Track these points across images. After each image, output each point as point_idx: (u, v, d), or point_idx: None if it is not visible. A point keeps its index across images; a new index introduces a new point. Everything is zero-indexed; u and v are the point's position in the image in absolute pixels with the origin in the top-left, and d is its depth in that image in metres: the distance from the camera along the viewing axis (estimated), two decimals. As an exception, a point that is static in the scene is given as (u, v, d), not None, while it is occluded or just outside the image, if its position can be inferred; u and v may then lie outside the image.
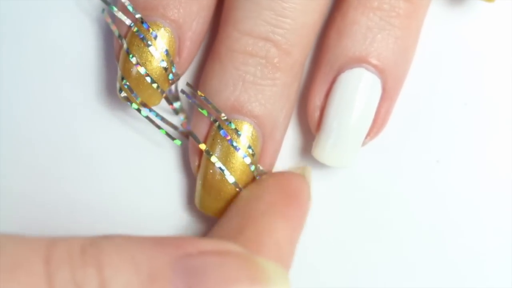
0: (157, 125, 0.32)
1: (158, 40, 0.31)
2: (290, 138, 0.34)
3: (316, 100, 0.32)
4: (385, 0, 0.31)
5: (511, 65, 0.34)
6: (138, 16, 0.31)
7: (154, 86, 0.31)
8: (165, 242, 0.24)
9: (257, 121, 0.31)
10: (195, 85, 0.33)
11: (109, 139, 0.33)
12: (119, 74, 0.31)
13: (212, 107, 0.31)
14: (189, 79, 0.34)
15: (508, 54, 0.34)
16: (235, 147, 0.31)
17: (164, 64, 0.31)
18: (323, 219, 0.34)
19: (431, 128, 0.34)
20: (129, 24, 0.31)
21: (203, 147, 0.31)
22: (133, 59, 0.31)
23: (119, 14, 0.31)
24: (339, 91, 0.31)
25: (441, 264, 0.33)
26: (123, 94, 0.31)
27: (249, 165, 0.31)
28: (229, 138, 0.31)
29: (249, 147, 0.31)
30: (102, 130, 0.33)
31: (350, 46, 0.31)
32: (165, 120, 0.32)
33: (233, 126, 0.31)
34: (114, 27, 0.31)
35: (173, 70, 0.31)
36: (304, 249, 0.33)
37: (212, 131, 0.31)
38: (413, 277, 0.33)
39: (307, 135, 0.34)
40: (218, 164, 0.31)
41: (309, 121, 0.32)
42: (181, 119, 0.33)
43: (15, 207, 0.33)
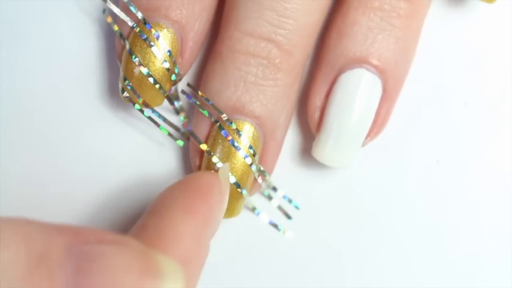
0: (159, 126, 0.32)
1: (161, 41, 0.31)
2: (290, 139, 0.34)
3: (317, 101, 0.32)
4: (386, 0, 0.31)
5: (511, 65, 0.34)
6: (140, 17, 0.31)
7: (156, 87, 0.31)
8: (66, 228, 0.24)
9: (258, 122, 0.31)
10: (195, 86, 0.33)
11: (110, 140, 0.33)
12: (121, 74, 0.31)
13: (213, 107, 0.31)
14: (188, 79, 0.34)
15: (508, 54, 0.34)
16: (236, 147, 0.31)
17: (166, 65, 0.31)
18: (323, 220, 0.34)
19: (431, 128, 0.34)
20: (131, 25, 0.31)
21: (204, 147, 0.31)
22: (135, 59, 0.31)
23: (122, 14, 0.31)
24: (339, 92, 0.31)
25: (441, 263, 0.33)
26: (126, 94, 0.31)
27: (250, 165, 0.31)
28: (230, 138, 0.31)
29: (250, 147, 0.31)
30: (102, 131, 0.33)
31: (351, 46, 0.31)
32: (167, 121, 0.32)
33: (234, 126, 0.31)
34: (116, 28, 0.31)
35: (175, 70, 0.31)
36: (305, 249, 0.33)
37: (213, 132, 0.31)
38: (413, 276, 0.33)
39: (307, 135, 0.34)
40: (219, 164, 0.31)
41: (309, 121, 0.32)
42: (181, 119, 0.33)
43: (15, 207, 0.33)
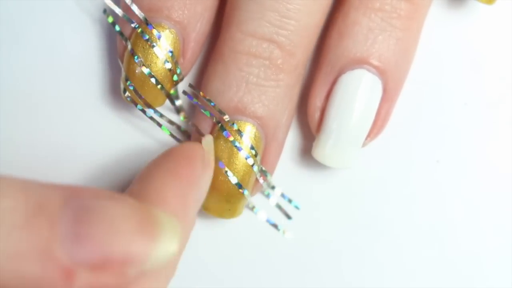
0: (161, 126, 0.32)
1: (163, 41, 0.31)
2: (291, 139, 0.34)
3: (317, 101, 0.32)
4: (386, 1, 0.31)
5: (511, 65, 0.34)
6: (142, 17, 0.31)
7: (158, 87, 0.31)
8: (62, 185, 0.24)
9: (260, 122, 0.31)
10: (196, 86, 0.33)
11: (111, 140, 0.33)
12: (123, 75, 0.31)
13: (215, 108, 0.31)
14: (189, 79, 0.34)
15: (508, 54, 0.34)
16: (237, 148, 0.31)
17: (168, 65, 0.31)
18: (323, 220, 0.34)
19: (431, 128, 0.34)
20: (133, 25, 0.31)
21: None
22: (137, 60, 0.31)
23: (124, 15, 0.31)
24: (339, 92, 0.31)
25: (441, 263, 0.33)
26: (127, 94, 0.31)
27: (252, 165, 0.31)
28: (232, 139, 0.31)
29: (252, 148, 0.31)
30: (104, 131, 0.33)
31: (351, 47, 0.31)
32: (169, 121, 0.32)
33: (235, 127, 0.31)
34: (118, 28, 0.31)
35: (177, 71, 0.31)
36: (305, 249, 0.33)
37: (215, 132, 0.31)
38: (413, 276, 0.34)
39: (307, 136, 0.34)
40: (221, 165, 0.31)
41: (309, 122, 0.32)
42: (181, 119, 0.33)
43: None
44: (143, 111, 0.31)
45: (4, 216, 0.22)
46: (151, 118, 0.31)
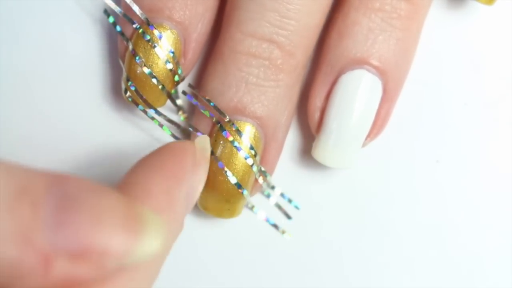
0: (162, 126, 0.32)
1: (164, 42, 0.31)
2: (291, 139, 0.34)
3: (317, 101, 0.32)
4: (386, 1, 0.31)
5: (511, 65, 0.34)
6: (144, 18, 0.31)
7: (160, 88, 0.31)
8: (46, 171, 0.23)
9: (259, 122, 0.31)
10: (195, 86, 0.33)
11: (112, 140, 0.33)
12: (124, 75, 0.31)
13: (215, 108, 0.31)
14: (189, 79, 0.34)
15: (508, 54, 0.34)
16: (237, 148, 0.31)
17: (170, 66, 0.31)
18: (323, 220, 0.34)
19: (431, 128, 0.34)
20: (134, 25, 0.31)
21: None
22: (139, 60, 0.31)
23: (125, 15, 0.31)
24: (339, 93, 0.31)
25: (441, 263, 0.33)
26: (129, 95, 0.31)
27: (251, 166, 0.31)
28: (231, 139, 0.31)
29: (251, 148, 0.31)
30: (105, 131, 0.33)
31: (351, 47, 0.31)
32: (170, 121, 0.32)
33: (235, 127, 0.31)
34: (119, 28, 0.31)
35: (178, 71, 0.31)
36: (305, 249, 0.33)
37: (214, 132, 0.31)
38: (413, 276, 0.34)
39: (307, 136, 0.34)
40: (221, 165, 0.31)
41: (309, 122, 0.32)
42: (181, 119, 0.33)
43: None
44: (144, 111, 0.31)
45: None
46: (152, 118, 0.32)
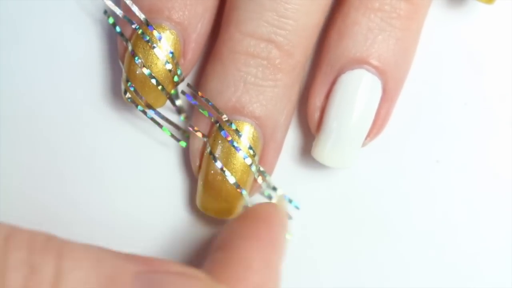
0: (162, 127, 0.32)
1: (163, 42, 0.31)
2: (290, 139, 0.33)
3: (316, 101, 0.32)
4: (386, 1, 0.31)
5: (511, 65, 0.34)
6: (143, 18, 0.31)
7: (159, 88, 0.31)
8: (135, 256, 0.24)
9: (258, 122, 0.31)
10: (194, 86, 0.33)
11: (110, 140, 0.33)
12: (124, 76, 0.31)
13: (213, 108, 0.31)
14: (188, 79, 0.34)
15: (508, 54, 0.34)
16: (236, 147, 0.31)
17: (169, 66, 0.31)
18: (323, 220, 0.34)
19: (431, 128, 0.34)
20: (134, 26, 0.31)
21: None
22: (138, 61, 0.31)
23: (124, 16, 0.31)
24: (339, 92, 0.31)
25: (441, 263, 0.33)
26: (128, 96, 0.31)
27: (250, 165, 0.31)
28: (230, 138, 0.31)
29: (250, 147, 0.31)
30: (104, 131, 0.33)
31: (351, 47, 0.31)
32: (170, 122, 0.32)
33: (234, 126, 0.31)
34: (119, 29, 0.31)
35: (178, 72, 0.31)
36: (305, 249, 0.33)
37: (213, 132, 0.31)
38: (413, 276, 0.34)
39: (307, 135, 0.34)
40: (219, 164, 0.31)
41: (309, 121, 0.32)
42: (181, 119, 0.33)
43: (15, 207, 0.33)
44: (144, 112, 0.31)
45: (76, 286, 0.22)
46: (152, 119, 0.32)
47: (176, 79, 0.31)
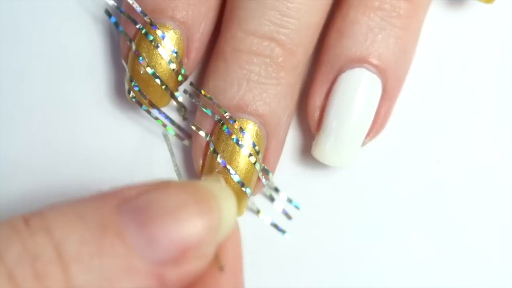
0: (166, 126, 0.32)
1: (167, 42, 0.31)
2: (291, 138, 0.34)
3: (316, 100, 0.32)
4: (386, 0, 0.31)
5: (511, 65, 0.34)
6: (146, 18, 0.31)
7: (163, 88, 0.31)
8: (103, 194, 0.24)
9: (261, 120, 0.31)
10: (197, 84, 0.33)
11: (115, 139, 0.33)
12: (127, 75, 0.31)
13: (217, 106, 0.31)
14: (191, 78, 0.34)
15: (508, 54, 0.34)
16: (240, 145, 0.31)
17: (173, 66, 0.31)
18: (323, 219, 0.34)
19: (431, 128, 0.34)
20: (137, 26, 0.31)
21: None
22: (142, 61, 0.31)
23: (128, 16, 0.31)
24: (339, 91, 0.31)
25: (441, 263, 0.33)
26: (132, 95, 0.31)
27: (254, 163, 0.31)
28: (233, 136, 0.31)
29: (254, 145, 0.31)
30: (108, 130, 0.33)
31: (351, 46, 0.31)
32: (173, 121, 0.32)
33: (237, 125, 0.31)
34: (121, 29, 0.31)
35: (182, 71, 0.31)
36: (305, 249, 0.33)
37: (217, 130, 0.31)
38: (413, 276, 0.34)
39: (307, 135, 0.34)
40: (223, 163, 0.31)
41: (309, 121, 0.32)
42: (182, 117, 0.33)
43: (15, 207, 0.33)
44: (148, 111, 0.31)
45: (78, 251, 0.22)
46: (156, 118, 0.32)
47: (180, 78, 0.31)
